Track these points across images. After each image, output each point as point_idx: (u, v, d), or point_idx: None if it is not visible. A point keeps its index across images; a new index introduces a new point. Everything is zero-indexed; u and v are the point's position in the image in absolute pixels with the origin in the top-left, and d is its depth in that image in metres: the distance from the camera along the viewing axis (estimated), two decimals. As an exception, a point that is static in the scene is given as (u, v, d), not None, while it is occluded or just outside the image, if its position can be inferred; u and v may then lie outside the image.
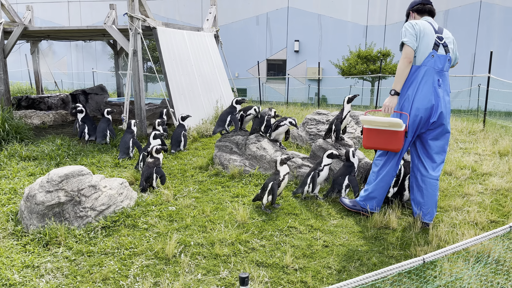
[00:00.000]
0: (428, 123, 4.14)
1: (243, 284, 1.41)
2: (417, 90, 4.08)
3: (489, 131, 8.31)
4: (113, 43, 11.95)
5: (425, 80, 4.07)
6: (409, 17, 4.43)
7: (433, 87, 4.07)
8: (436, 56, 4.07)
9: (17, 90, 16.35)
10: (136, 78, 7.59)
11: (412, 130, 4.16)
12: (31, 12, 10.18)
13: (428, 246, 3.87)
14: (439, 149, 4.24)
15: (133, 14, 7.35)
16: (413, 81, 4.11)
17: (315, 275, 3.44)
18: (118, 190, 4.66)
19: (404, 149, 4.31)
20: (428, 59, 4.06)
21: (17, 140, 7.09)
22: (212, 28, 10.47)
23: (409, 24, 4.12)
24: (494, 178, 5.57)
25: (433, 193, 4.25)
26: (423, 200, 4.28)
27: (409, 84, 4.12)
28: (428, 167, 4.26)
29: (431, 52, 4.07)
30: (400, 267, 1.77)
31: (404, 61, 4.04)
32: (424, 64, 4.06)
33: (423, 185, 4.27)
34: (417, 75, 4.09)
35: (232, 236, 4.05)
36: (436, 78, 4.09)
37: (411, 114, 4.11)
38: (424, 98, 4.06)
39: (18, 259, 3.70)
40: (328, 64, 20.30)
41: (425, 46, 4.06)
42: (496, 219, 4.43)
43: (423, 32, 4.07)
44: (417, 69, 4.09)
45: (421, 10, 4.32)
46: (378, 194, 4.43)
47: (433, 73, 4.07)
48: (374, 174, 4.46)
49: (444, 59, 4.11)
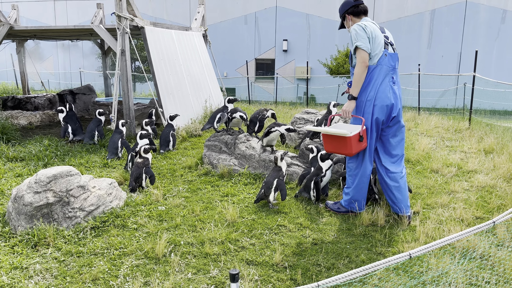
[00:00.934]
0: (388, 120, 4.24)
1: (234, 281, 1.43)
2: (377, 89, 4.14)
3: (474, 129, 8.45)
4: (100, 42, 11.86)
5: (381, 79, 4.13)
6: (345, 20, 4.39)
7: (389, 85, 4.16)
8: (388, 55, 4.15)
9: (2, 90, 16.13)
10: (124, 78, 7.55)
11: (377, 129, 4.24)
12: (17, 11, 10.05)
13: (415, 242, 3.93)
14: (398, 143, 4.36)
15: (121, 14, 7.31)
16: (372, 81, 4.15)
17: (304, 272, 3.48)
18: (107, 190, 4.64)
19: (371, 148, 4.34)
20: (382, 58, 4.12)
21: (3, 141, 7.01)
22: (200, 27, 10.46)
23: (359, 27, 4.09)
24: (479, 175, 5.67)
25: (404, 187, 4.35)
26: (394, 196, 4.35)
27: (368, 85, 4.16)
28: (391, 164, 4.36)
29: (384, 51, 4.13)
30: (387, 263, 1.81)
31: (361, 65, 4.04)
32: (379, 64, 4.12)
33: (392, 182, 4.34)
34: (374, 75, 4.14)
35: (222, 235, 4.06)
36: (390, 75, 4.18)
37: (374, 113, 4.17)
38: (384, 96, 4.14)
39: (6, 260, 3.67)
40: (316, 63, 20.41)
41: (379, 46, 4.11)
42: (482, 215, 4.52)
43: (374, 33, 4.10)
44: (373, 69, 4.13)
45: (357, 12, 4.30)
46: (359, 196, 4.48)
47: (388, 71, 4.16)
48: (350, 178, 4.51)
49: (394, 56, 4.21)
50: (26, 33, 9.41)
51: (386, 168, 4.37)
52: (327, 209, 4.68)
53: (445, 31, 19.10)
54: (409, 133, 8.30)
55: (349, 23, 4.35)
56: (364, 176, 4.41)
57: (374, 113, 4.17)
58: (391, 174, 4.35)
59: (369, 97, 4.16)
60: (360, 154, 4.37)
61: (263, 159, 5.77)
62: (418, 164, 6.23)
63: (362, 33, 4.04)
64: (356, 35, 4.06)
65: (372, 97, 4.15)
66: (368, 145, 4.30)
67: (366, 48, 4.02)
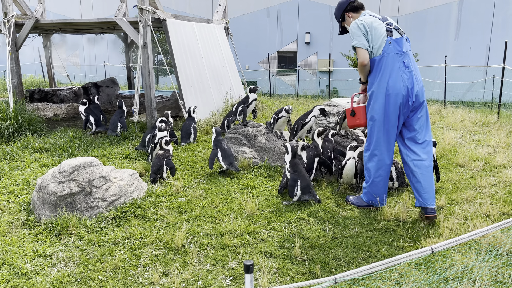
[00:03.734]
0: (408, 106, 4.14)
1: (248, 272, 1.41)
2: (388, 79, 4.08)
3: (503, 122, 8.17)
4: (124, 36, 12.00)
5: (390, 67, 4.08)
6: (345, 19, 4.41)
7: (401, 70, 4.08)
8: (393, 41, 4.10)
9: (30, 83, 16.55)
10: (146, 70, 7.61)
11: (394, 117, 4.14)
12: (43, 6, 10.24)
13: (438, 238, 3.83)
14: (423, 128, 4.23)
15: (143, 6, 7.35)
16: (380, 72, 4.11)
17: (323, 266, 3.44)
18: (128, 181, 4.69)
19: (389, 140, 4.24)
20: (387, 46, 4.08)
21: (30, 132, 7.19)
22: (222, 20, 10.43)
23: (354, 25, 4.15)
24: (507, 170, 5.47)
25: (429, 176, 4.18)
26: (421, 186, 4.16)
27: (378, 76, 4.13)
28: (417, 150, 4.21)
29: (387, 40, 4.09)
30: (408, 257, 1.75)
31: (359, 64, 4.16)
32: (385, 52, 4.08)
33: (417, 169, 4.18)
34: (381, 65, 4.11)
35: (241, 227, 4.06)
36: (401, 61, 4.10)
37: (387, 103, 4.11)
38: (397, 84, 4.07)
39: (30, 248, 3.76)
40: (339, 56, 20.11)
41: (380, 37, 4.09)
42: (509, 211, 4.36)
43: (371, 26, 4.10)
44: (379, 60, 4.11)
45: (356, 8, 4.33)
46: (378, 190, 4.38)
47: (396, 57, 4.09)
48: (367, 172, 4.42)
49: (401, 40, 4.14)
50: (52, 26, 9.59)
51: (412, 153, 4.21)
52: (348, 203, 4.60)
53: (473, 22, 18.49)
54: (434, 126, 8.09)
55: (350, 20, 4.37)
56: (381, 169, 4.31)
57: (387, 104, 4.11)
58: (418, 161, 4.18)
59: (380, 88, 4.12)
60: (378, 147, 4.27)
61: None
62: (443, 158, 6.07)
63: (357, 31, 4.11)
64: (352, 35, 4.16)
65: (383, 87, 4.10)
66: (383, 136, 4.21)
67: (362, 46, 4.09)
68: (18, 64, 8.80)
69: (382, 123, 4.18)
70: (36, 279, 3.32)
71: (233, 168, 5.43)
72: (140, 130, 7.53)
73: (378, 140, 4.26)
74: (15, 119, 7.16)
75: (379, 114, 4.17)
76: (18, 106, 7.59)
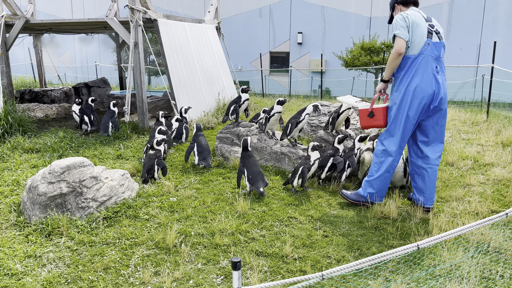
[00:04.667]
0: (429, 110, 4.19)
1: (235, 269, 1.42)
2: (420, 79, 4.11)
3: (492, 121, 8.26)
4: (115, 36, 11.95)
5: (424, 68, 4.10)
6: (395, 10, 4.48)
7: (432, 74, 4.12)
8: (432, 44, 4.12)
9: (20, 84, 16.41)
10: (138, 70, 7.59)
11: (415, 117, 4.19)
12: (33, 5, 10.17)
13: (428, 235, 3.87)
14: (439, 132, 4.33)
15: (134, 6, 7.33)
16: (414, 71, 4.13)
17: (314, 264, 3.46)
18: (119, 181, 4.68)
19: (404, 139, 4.28)
20: (425, 47, 4.10)
21: (20, 132, 7.13)
22: (213, 20, 10.43)
23: (400, 16, 4.17)
24: (496, 168, 5.54)
25: (433, 178, 4.34)
26: (425, 186, 4.34)
27: (410, 74, 4.15)
28: (428, 152, 4.32)
29: (426, 41, 4.11)
30: (395, 253, 1.78)
31: (395, 52, 4.11)
32: (422, 53, 4.11)
33: (424, 171, 4.32)
34: (416, 64, 4.12)
35: (232, 226, 4.07)
36: (434, 65, 4.14)
37: (412, 103, 4.14)
38: (427, 86, 4.10)
39: (21, 249, 3.74)
40: (331, 56, 20.19)
41: (420, 35, 4.11)
42: (497, 209, 4.42)
43: (415, 23, 4.12)
44: (415, 59, 4.12)
45: (407, 2, 4.38)
46: (381, 186, 4.40)
47: (431, 60, 4.12)
48: (375, 166, 4.44)
49: (439, 45, 4.17)
50: (42, 26, 9.53)
51: (424, 156, 4.33)
52: (342, 196, 4.62)
53: (464, 22, 18.67)
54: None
55: (397, 12, 4.41)
56: (391, 166, 4.34)
57: (411, 103, 4.14)
58: (426, 158, 4.33)
59: (410, 86, 4.14)
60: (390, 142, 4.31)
61: (274, 151, 5.75)
62: (433, 157, 6.12)
63: (401, 22, 4.13)
64: (395, 24, 4.17)
65: (413, 87, 4.12)
66: (399, 135, 4.25)
67: (403, 37, 4.09)
68: (8, 65, 8.73)
69: (403, 122, 4.21)
70: (26, 279, 3.31)
71: (205, 163, 5.52)
72: (131, 130, 7.50)
73: (396, 138, 4.29)
74: (5, 119, 7.10)
75: (402, 113, 4.20)
76: (8, 106, 7.53)
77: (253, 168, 4.79)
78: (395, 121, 4.26)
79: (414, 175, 4.44)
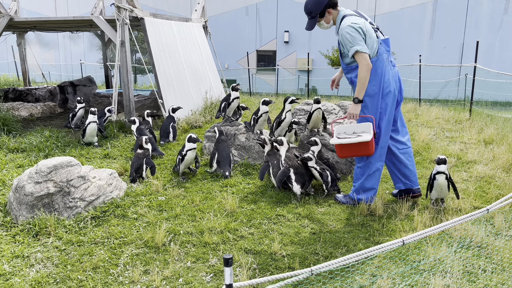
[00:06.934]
0: (397, 102, 4.36)
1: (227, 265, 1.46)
2: (385, 79, 4.17)
3: (475, 120, 8.44)
4: (101, 34, 11.84)
5: (385, 67, 4.17)
6: (325, 15, 4.20)
7: (391, 70, 4.23)
8: (382, 42, 4.19)
9: (3, 82, 16.14)
10: (124, 69, 7.55)
11: (391, 114, 4.28)
12: (17, 3, 10.02)
13: (413, 231, 3.96)
14: (401, 119, 4.54)
15: (120, 4, 7.29)
16: (378, 73, 4.16)
17: (302, 261, 3.51)
18: (107, 180, 4.67)
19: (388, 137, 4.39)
20: (380, 47, 4.16)
21: (4, 132, 7.04)
22: (200, 18, 10.42)
23: (350, 29, 3.96)
24: (478, 165, 5.68)
25: (412, 158, 4.57)
26: (408, 170, 4.52)
27: (376, 77, 4.16)
28: (402, 140, 4.51)
29: (378, 41, 4.15)
30: (381, 249, 1.84)
31: (366, 68, 3.96)
32: (379, 54, 4.15)
33: (406, 156, 4.50)
34: (378, 67, 4.15)
35: (221, 224, 4.10)
36: (389, 60, 4.23)
37: (387, 102, 4.21)
38: (392, 82, 4.21)
39: (8, 249, 3.71)
40: (318, 54, 20.32)
41: (373, 39, 4.12)
42: (480, 205, 4.54)
43: (366, 28, 4.07)
44: (376, 61, 4.14)
45: (335, 4, 4.19)
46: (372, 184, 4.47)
47: (387, 57, 4.21)
48: (360, 169, 4.48)
49: (387, 40, 4.25)
50: (26, 24, 9.40)
51: (399, 143, 4.49)
52: (337, 201, 4.66)
53: (447, 22, 18.97)
54: (409, 124, 8.30)
55: (329, 17, 4.22)
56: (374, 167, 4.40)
57: (387, 103, 4.22)
58: (404, 149, 4.51)
59: (381, 89, 4.18)
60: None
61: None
62: (418, 155, 6.24)
63: (357, 36, 3.96)
64: (351, 39, 3.97)
65: (383, 88, 4.18)
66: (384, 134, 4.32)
67: (366, 50, 3.97)
68: (-9, 63, 8.59)
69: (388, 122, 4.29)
70: (15, 280, 3.29)
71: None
72: (118, 129, 7.47)
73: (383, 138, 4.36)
74: (-11, 119, 7.01)
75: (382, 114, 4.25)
76: (-8, 105, 7.42)
77: (223, 153, 5.09)
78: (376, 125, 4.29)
79: (395, 168, 4.56)
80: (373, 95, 4.21)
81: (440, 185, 4.29)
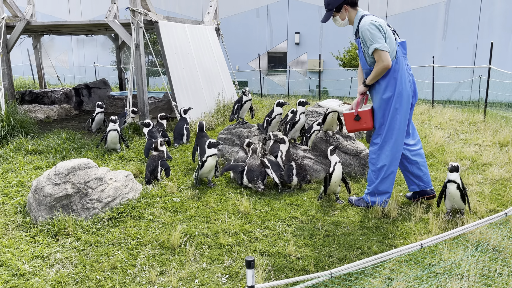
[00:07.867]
0: (412, 106, 4.37)
1: (249, 267, 1.49)
2: (403, 81, 4.18)
3: (489, 122, 8.36)
4: (114, 37, 11.99)
5: (403, 69, 4.18)
6: (341, 11, 4.20)
7: (407, 72, 4.23)
8: (399, 44, 4.18)
9: (19, 85, 16.43)
10: (139, 72, 7.65)
11: (406, 116, 4.29)
12: (33, 7, 10.20)
13: (428, 235, 3.95)
14: (411, 122, 4.53)
15: (135, 8, 7.39)
16: (398, 74, 4.15)
17: (317, 263, 3.54)
18: (123, 182, 4.75)
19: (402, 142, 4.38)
20: (398, 49, 4.15)
21: (22, 134, 7.18)
22: (213, 21, 10.50)
23: (371, 26, 3.97)
24: (494, 168, 5.63)
25: (424, 159, 4.59)
26: (421, 171, 4.53)
27: (396, 78, 4.15)
28: (412, 141, 4.52)
29: (396, 43, 4.15)
30: (399, 252, 1.85)
31: (384, 65, 3.99)
32: (398, 56, 4.15)
33: (418, 158, 4.51)
34: (398, 68, 4.14)
35: (235, 226, 4.14)
36: (405, 63, 4.23)
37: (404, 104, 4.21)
38: (408, 85, 4.21)
39: (28, 249, 3.80)
40: (329, 56, 20.30)
41: (392, 40, 4.12)
42: (495, 208, 4.51)
43: (385, 28, 4.06)
44: (396, 63, 4.13)
45: (354, 3, 4.15)
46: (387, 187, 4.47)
47: (404, 60, 4.21)
48: (374, 174, 4.47)
49: (404, 44, 4.24)
50: (43, 28, 9.57)
51: (410, 145, 4.50)
52: (351, 204, 4.67)
53: (460, 22, 18.80)
54: (422, 126, 8.26)
55: (345, 14, 4.22)
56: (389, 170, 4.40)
57: (402, 104, 4.21)
58: (416, 150, 4.51)
59: (398, 90, 4.17)
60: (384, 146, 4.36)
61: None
62: (432, 157, 6.21)
63: (377, 33, 3.96)
64: (371, 36, 3.97)
65: (400, 90, 4.17)
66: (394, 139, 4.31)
67: (386, 49, 3.96)
68: (9, 66, 8.77)
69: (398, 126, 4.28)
70: (35, 280, 3.37)
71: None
72: (133, 132, 7.56)
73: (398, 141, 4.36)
74: (7, 121, 7.14)
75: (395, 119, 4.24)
76: (10, 108, 7.57)
77: (203, 145, 5.34)
78: (391, 128, 4.27)
79: (408, 170, 4.56)
80: (397, 95, 4.19)
81: (451, 195, 4.15)
